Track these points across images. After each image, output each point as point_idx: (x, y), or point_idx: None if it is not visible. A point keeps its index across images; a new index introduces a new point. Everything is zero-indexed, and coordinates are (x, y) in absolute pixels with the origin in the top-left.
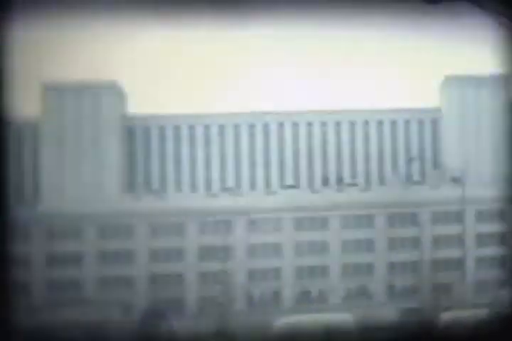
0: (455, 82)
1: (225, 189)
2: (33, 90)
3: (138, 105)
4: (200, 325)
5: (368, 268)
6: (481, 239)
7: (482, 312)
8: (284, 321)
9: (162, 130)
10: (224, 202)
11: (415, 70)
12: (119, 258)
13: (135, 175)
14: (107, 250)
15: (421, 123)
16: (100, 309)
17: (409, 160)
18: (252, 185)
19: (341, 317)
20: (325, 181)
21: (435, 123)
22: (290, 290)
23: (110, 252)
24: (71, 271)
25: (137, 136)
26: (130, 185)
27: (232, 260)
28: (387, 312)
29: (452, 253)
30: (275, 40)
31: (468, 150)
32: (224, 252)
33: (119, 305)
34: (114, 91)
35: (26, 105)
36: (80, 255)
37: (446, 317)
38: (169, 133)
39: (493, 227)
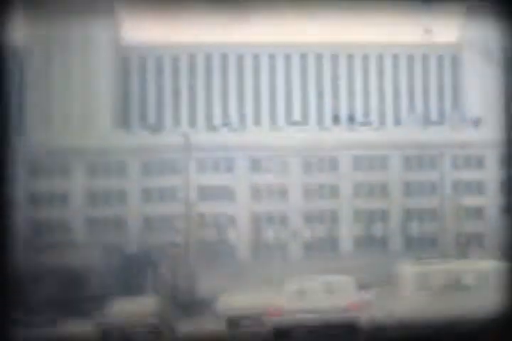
0: (477, 14)
1: (226, 124)
2: (19, 17)
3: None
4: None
5: (383, 215)
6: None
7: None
8: (292, 284)
9: (160, 60)
10: (225, 138)
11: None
12: (108, 198)
13: (129, 109)
14: (95, 189)
15: (440, 59)
16: (85, 253)
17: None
18: (256, 121)
19: (342, 280)
20: (335, 119)
21: (456, 59)
22: (297, 237)
23: (99, 192)
24: (56, 211)
25: (132, 66)
26: (123, 119)
27: (231, 202)
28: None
29: (474, 200)
30: None
31: (492, 89)
32: (224, 193)
33: (106, 249)
34: (108, 17)
35: (11, 33)
36: (66, 194)
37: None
38: (167, 64)
39: None
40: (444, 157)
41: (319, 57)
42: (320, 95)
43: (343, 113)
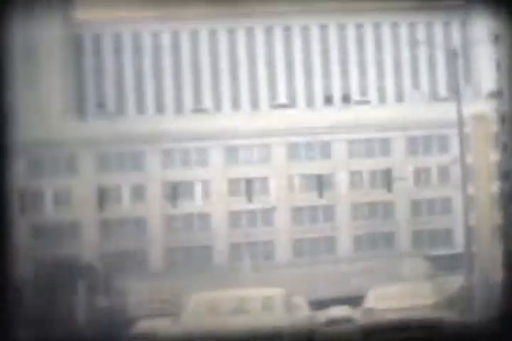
0: None
1: (199, 110)
2: None
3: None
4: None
5: (385, 208)
6: None
7: None
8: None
9: (118, 37)
10: (198, 125)
11: None
12: (59, 198)
13: (84, 94)
14: (42, 190)
15: (447, 25)
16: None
17: None
18: (235, 105)
19: (272, 293)
20: (328, 99)
21: (464, 24)
22: (284, 239)
23: (48, 192)
24: None
25: (87, 45)
26: (77, 107)
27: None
28: (411, 263)
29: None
30: None
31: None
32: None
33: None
34: None
35: None
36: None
37: None
38: (127, 42)
39: None
40: (455, 136)
41: (306, 28)
42: (308, 72)
43: (337, 92)
